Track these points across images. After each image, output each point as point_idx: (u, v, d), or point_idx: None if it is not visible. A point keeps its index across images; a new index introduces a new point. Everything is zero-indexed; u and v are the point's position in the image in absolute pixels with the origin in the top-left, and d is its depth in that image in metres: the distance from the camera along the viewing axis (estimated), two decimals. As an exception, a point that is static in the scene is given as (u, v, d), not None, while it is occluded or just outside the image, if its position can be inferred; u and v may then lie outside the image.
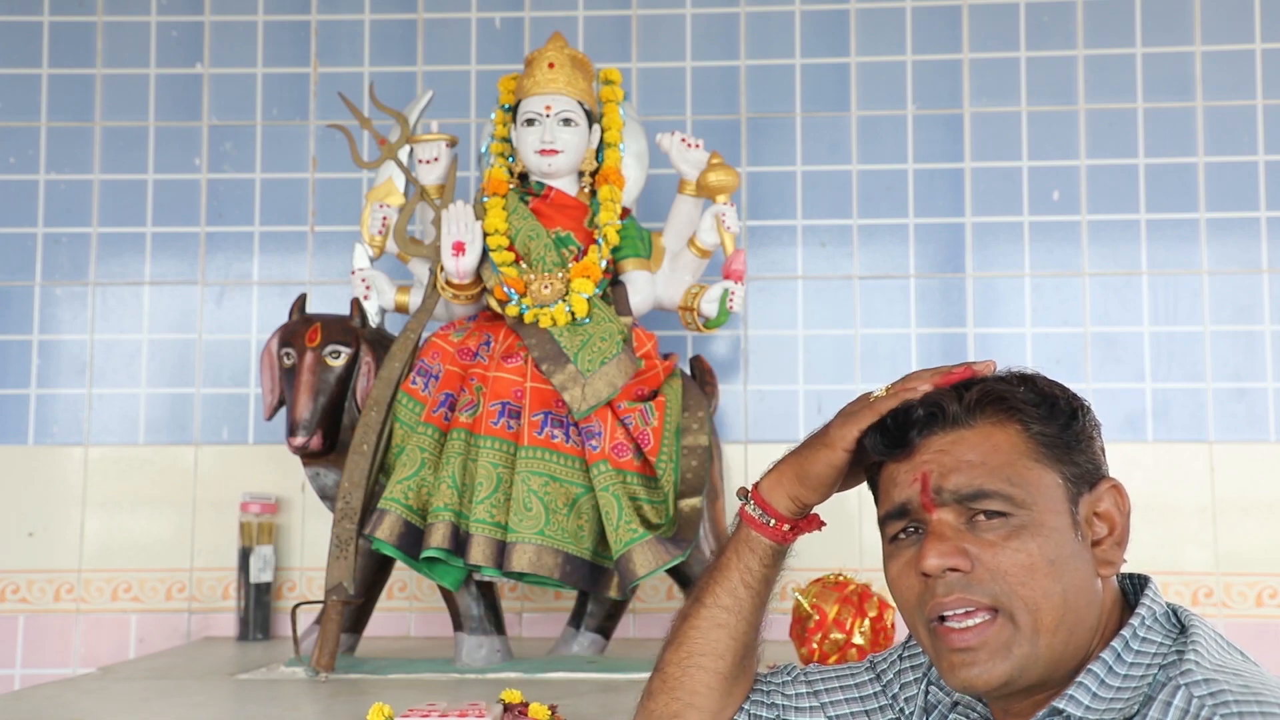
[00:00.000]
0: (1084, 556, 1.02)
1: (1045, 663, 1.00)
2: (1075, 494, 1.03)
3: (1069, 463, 1.03)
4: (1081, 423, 1.06)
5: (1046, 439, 1.03)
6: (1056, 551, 1.00)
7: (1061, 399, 1.07)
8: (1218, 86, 2.66)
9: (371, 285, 2.29)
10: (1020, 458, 1.02)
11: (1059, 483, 1.02)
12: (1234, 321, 2.61)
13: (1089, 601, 1.02)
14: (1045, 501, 1.01)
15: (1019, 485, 1.01)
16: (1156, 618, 1.01)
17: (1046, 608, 0.99)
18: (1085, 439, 1.05)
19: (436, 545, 1.99)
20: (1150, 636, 1.00)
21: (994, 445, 1.03)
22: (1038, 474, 1.02)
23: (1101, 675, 0.99)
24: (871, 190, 2.69)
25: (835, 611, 2.02)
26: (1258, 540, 2.55)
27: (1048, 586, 0.99)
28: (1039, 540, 1.00)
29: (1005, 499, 1.01)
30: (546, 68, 2.25)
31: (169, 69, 2.78)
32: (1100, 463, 1.06)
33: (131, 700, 1.86)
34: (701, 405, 2.19)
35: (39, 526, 2.65)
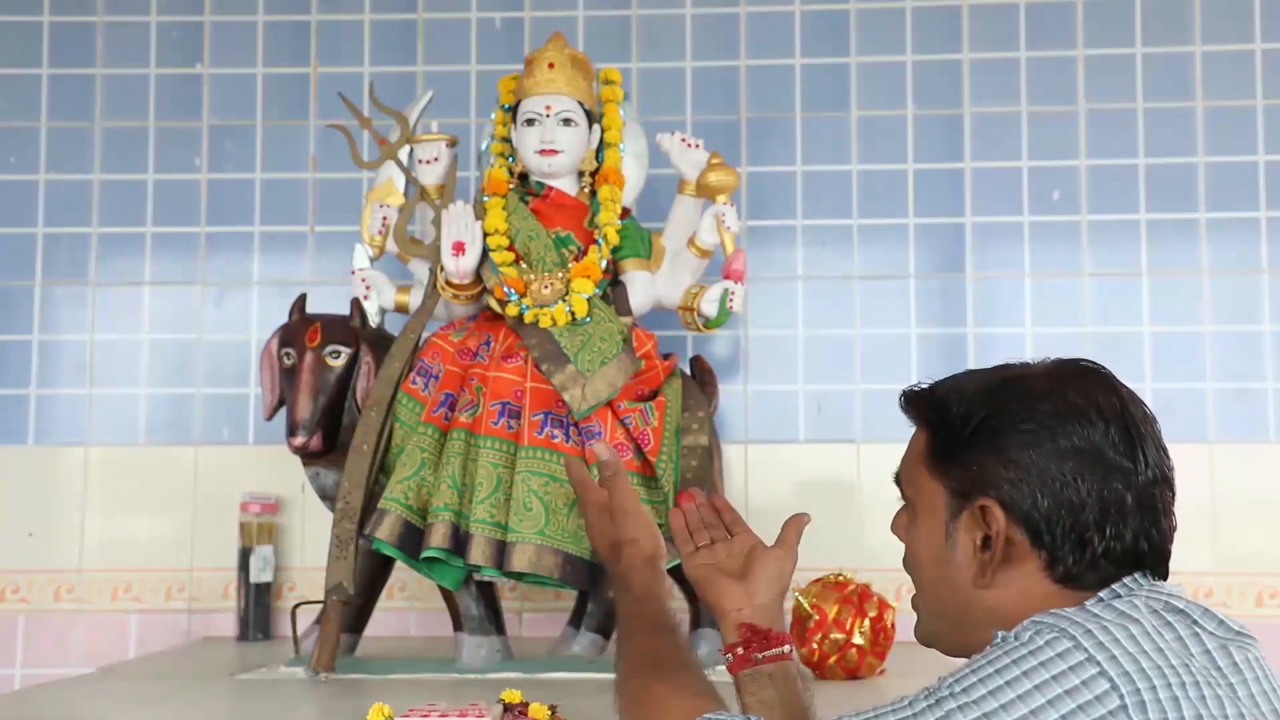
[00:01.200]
0: (956, 563, 1.08)
1: (954, 644, 1.11)
2: (956, 506, 1.08)
3: (950, 475, 1.09)
4: (966, 435, 1.06)
5: (937, 448, 1.11)
6: (922, 551, 1.13)
7: (955, 404, 1.08)
8: (1218, 86, 2.66)
9: (371, 285, 2.29)
10: (918, 463, 1.13)
11: (940, 491, 1.10)
12: (1234, 321, 2.61)
13: (963, 604, 1.08)
14: (923, 504, 1.12)
15: (911, 485, 1.15)
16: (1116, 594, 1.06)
17: (925, 592, 1.14)
18: (975, 452, 1.06)
19: (436, 545, 1.99)
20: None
21: (914, 444, 1.16)
22: (924, 480, 1.12)
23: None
24: (871, 190, 2.69)
25: (835, 611, 2.02)
26: (1258, 540, 2.55)
27: (919, 574, 1.15)
28: (914, 540, 1.14)
29: (906, 494, 1.17)
30: (546, 68, 2.25)
31: (169, 69, 2.78)
32: (990, 478, 1.04)
33: (131, 700, 1.86)
34: (701, 405, 2.19)
35: (39, 526, 2.65)
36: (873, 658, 2.03)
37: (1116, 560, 1.04)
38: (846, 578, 2.09)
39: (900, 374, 2.63)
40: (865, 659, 2.02)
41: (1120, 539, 1.04)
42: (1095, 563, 1.03)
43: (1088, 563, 1.03)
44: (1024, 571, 1.04)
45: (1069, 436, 1.03)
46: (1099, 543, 1.03)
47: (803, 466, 2.61)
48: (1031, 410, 1.04)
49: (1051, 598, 1.03)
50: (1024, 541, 1.04)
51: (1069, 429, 1.03)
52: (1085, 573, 1.03)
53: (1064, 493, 1.02)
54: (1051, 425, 1.03)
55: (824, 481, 2.59)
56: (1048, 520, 1.03)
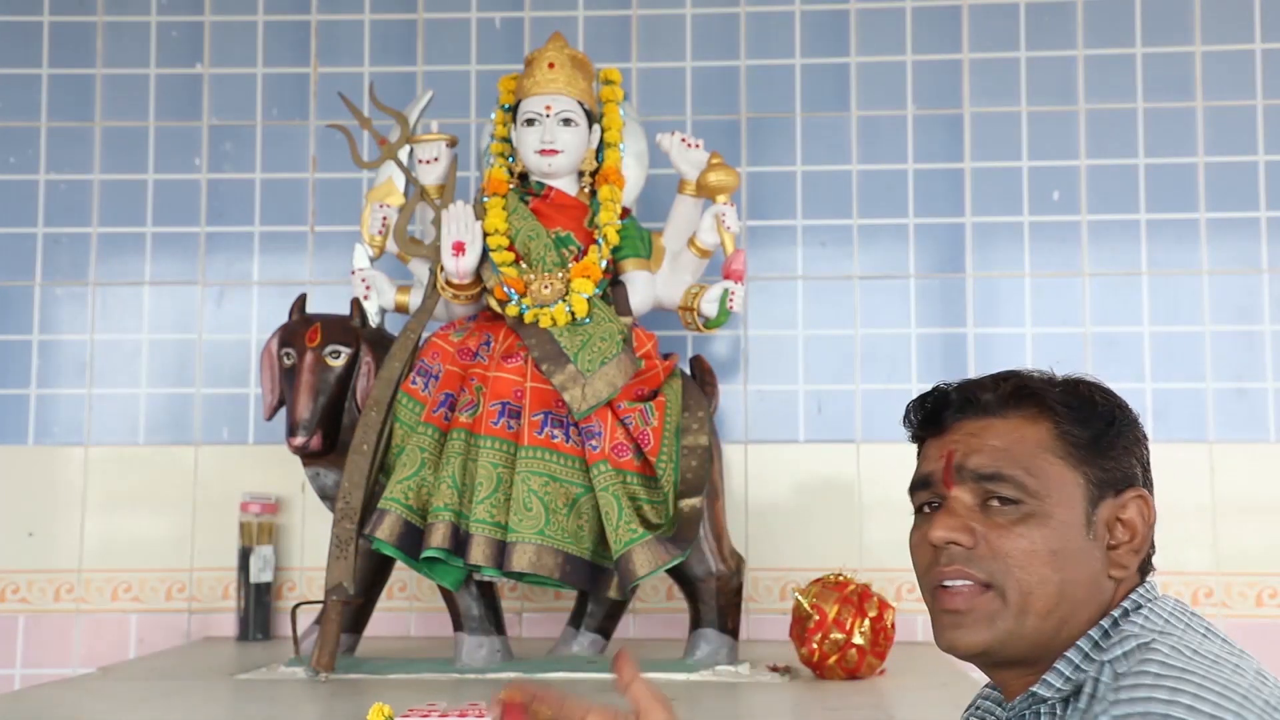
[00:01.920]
0: (1092, 555, 1.05)
1: (1029, 643, 1.05)
2: (1096, 496, 1.06)
3: (1095, 466, 1.07)
4: (1118, 430, 1.08)
5: (1075, 440, 1.07)
6: (1061, 544, 1.04)
7: (1101, 404, 1.09)
8: (1218, 86, 2.66)
9: (371, 285, 2.29)
10: (1043, 452, 1.06)
11: (1080, 482, 1.06)
12: (1234, 321, 2.61)
13: (1088, 597, 1.05)
14: (1059, 496, 1.05)
15: (1035, 476, 1.05)
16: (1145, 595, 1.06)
17: (1040, 593, 1.04)
18: (1120, 447, 1.08)
19: (436, 545, 1.99)
20: (1129, 629, 1.02)
21: (1021, 436, 1.07)
22: (1058, 470, 1.06)
23: (1076, 661, 1.03)
24: (871, 190, 2.69)
25: (835, 611, 2.02)
26: (1258, 540, 2.55)
27: (1045, 574, 1.04)
28: (1045, 530, 1.04)
29: (1019, 486, 1.05)
30: (546, 68, 2.26)
31: (169, 69, 2.78)
32: (1133, 472, 1.09)
33: (131, 700, 1.86)
34: (701, 405, 2.19)
35: (39, 526, 2.65)
36: (873, 658, 2.03)
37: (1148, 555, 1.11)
38: (846, 578, 2.09)
39: (900, 374, 2.63)
40: (865, 659, 2.02)
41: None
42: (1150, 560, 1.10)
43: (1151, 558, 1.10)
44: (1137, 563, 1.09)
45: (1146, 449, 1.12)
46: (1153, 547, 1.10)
47: (803, 466, 2.61)
48: (1137, 420, 1.12)
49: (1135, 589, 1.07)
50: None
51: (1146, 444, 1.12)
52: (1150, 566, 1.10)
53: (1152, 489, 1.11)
54: (1143, 437, 1.12)
55: (824, 481, 2.59)
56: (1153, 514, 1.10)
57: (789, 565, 2.51)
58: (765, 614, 2.53)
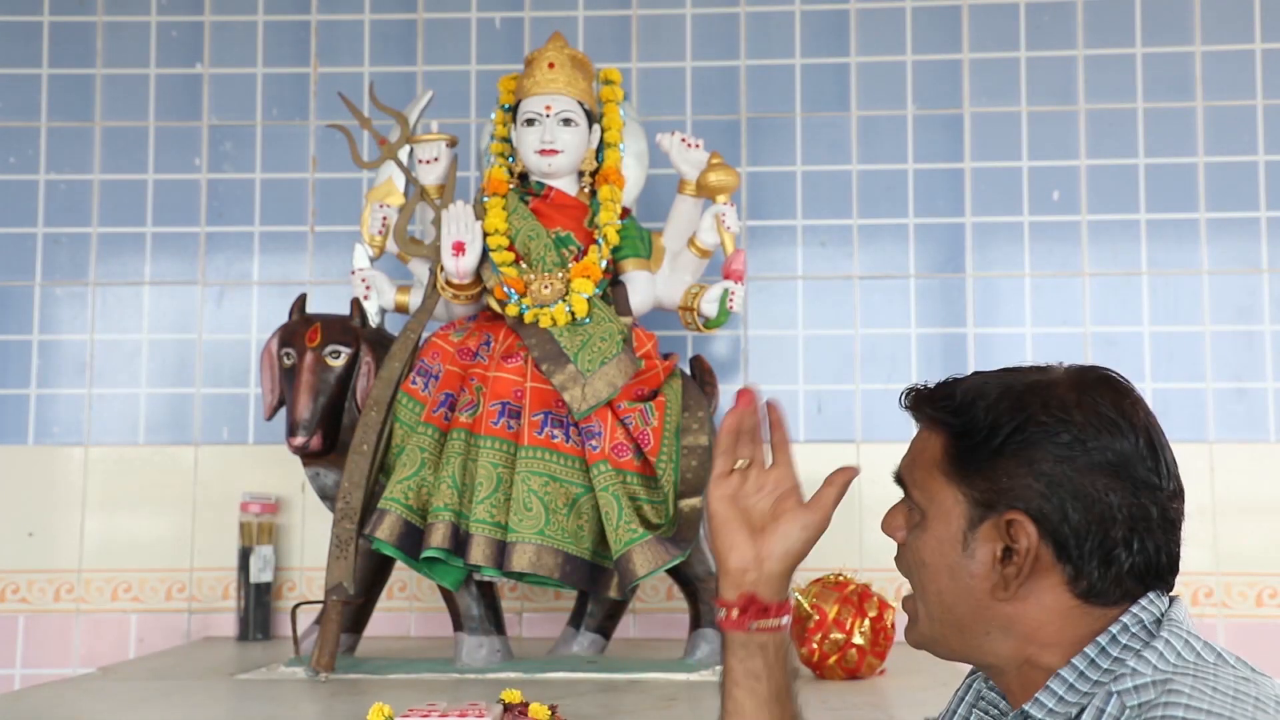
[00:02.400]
0: (970, 573, 1.04)
1: (957, 651, 1.08)
2: (976, 516, 1.04)
3: (972, 485, 1.04)
4: (1003, 444, 1.02)
5: (958, 455, 1.06)
6: (932, 558, 1.06)
7: (980, 412, 1.05)
8: (1218, 86, 2.66)
9: (371, 285, 2.29)
10: (932, 468, 1.08)
11: (959, 499, 1.05)
12: (1234, 321, 2.61)
13: (975, 613, 1.04)
14: (935, 510, 1.07)
15: (921, 489, 1.09)
16: (1144, 624, 1.01)
17: (930, 599, 1.07)
18: (1004, 463, 1.02)
19: (436, 545, 1.99)
20: (1130, 644, 1.00)
21: (923, 447, 1.10)
22: (939, 486, 1.07)
23: (1070, 680, 1.00)
24: (871, 190, 2.69)
25: (835, 611, 2.02)
26: (1258, 540, 2.55)
27: (923, 582, 1.08)
28: (922, 545, 1.07)
29: (911, 497, 1.11)
30: (546, 68, 2.26)
31: (169, 69, 2.78)
32: (1020, 490, 1.01)
33: (131, 700, 1.86)
34: (701, 405, 2.19)
35: (39, 526, 2.65)
36: (873, 658, 2.03)
37: (1138, 575, 1.02)
38: (846, 578, 2.09)
39: (900, 374, 2.63)
40: (865, 659, 2.02)
41: (1145, 553, 1.02)
42: (1119, 578, 1.01)
43: (1112, 578, 1.01)
44: (1045, 585, 1.02)
45: (1102, 450, 1.01)
46: (1125, 558, 1.01)
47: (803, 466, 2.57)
48: (1064, 422, 1.02)
49: (1073, 612, 1.01)
50: (1049, 556, 1.01)
51: (1103, 441, 1.01)
52: (1109, 588, 1.01)
53: (1096, 507, 1.00)
54: (1085, 437, 1.01)
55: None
56: (1077, 535, 1.00)
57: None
58: (765, 614, 2.53)
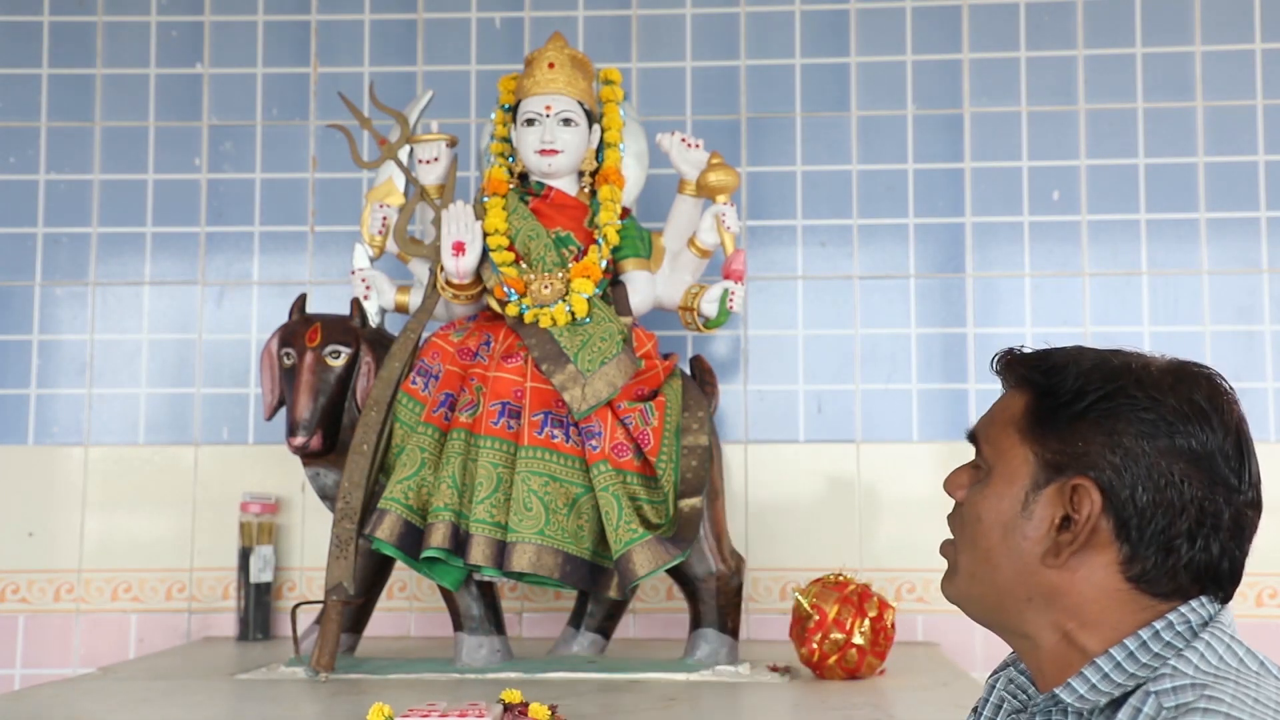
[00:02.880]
0: (1023, 535, 1.03)
1: (991, 614, 1.07)
2: (1043, 478, 1.03)
3: (1046, 444, 1.03)
4: (1085, 408, 1.01)
5: (1039, 414, 1.05)
6: (988, 514, 1.05)
7: (1071, 377, 1.04)
8: (1218, 86, 2.66)
9: (371, 285, 2.29)
10: (1009, 424, 1.07)
11: (1029, 459, 1.04)
12: (1234, 321, 2.61)
13: (1019, 577, 1.03)
14: (1002, 469, 1.06)
15: (991, 444, 1.08)
16: (1190, 624, 1.00)
17: (978, 555, 1.06)
18: (1083, 427, 1.01)
19: (436, 545, 1.99)
20: (1174, 642, 0.99)
21: (1005, 406, 1.09)
22: (1011, 443, 1.06)
23: (1106, 669, 0.99)
24: (871, 190, 2.69)
25: (835, 611, 2.02)
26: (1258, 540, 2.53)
27: (974, 537, 1.07)
28: (981, 500, 1.06)
29: (981, 454, 1.09)
30: (546, 68, 2.26)
31: (169, 69, 2.78)
32: (1093, 458, 1.00)
33: (131, 700, 1.86)
34: (701, 405, 2.19)
35: (39, 526, 2.65)
36: (873, 658, 2.03)
37: (1195, 574, 1.01)
38: (846, 578, 2.09)
39: (900, 374, 2.63)
40: (865, 659, 2.02)
41: (1207, 552, 1.01)
42: (1174, 571, 1.00)
43: (1168, 569, 0.99)
44: (1098, 561, 1.00)
45: (1187, 437, 1.00)
46: (1185, 552, 0.99)
47: (803, 466, 2.61)
48: (1155, 401, 1.00)
49: (1120, 595, 1.00)
50: (1108, 531, 1.00)
51: (1189, 429, 1.00)
52: (1161, 578, 1.00)
53: (1167, 491, 0.99)
54: (1172, 421, 1.00)
55: (824, 481, 2.59)
56: (1141, 515, 0.99)
57: (789, 565, 2.51)
58: (765, 614, 2.53)
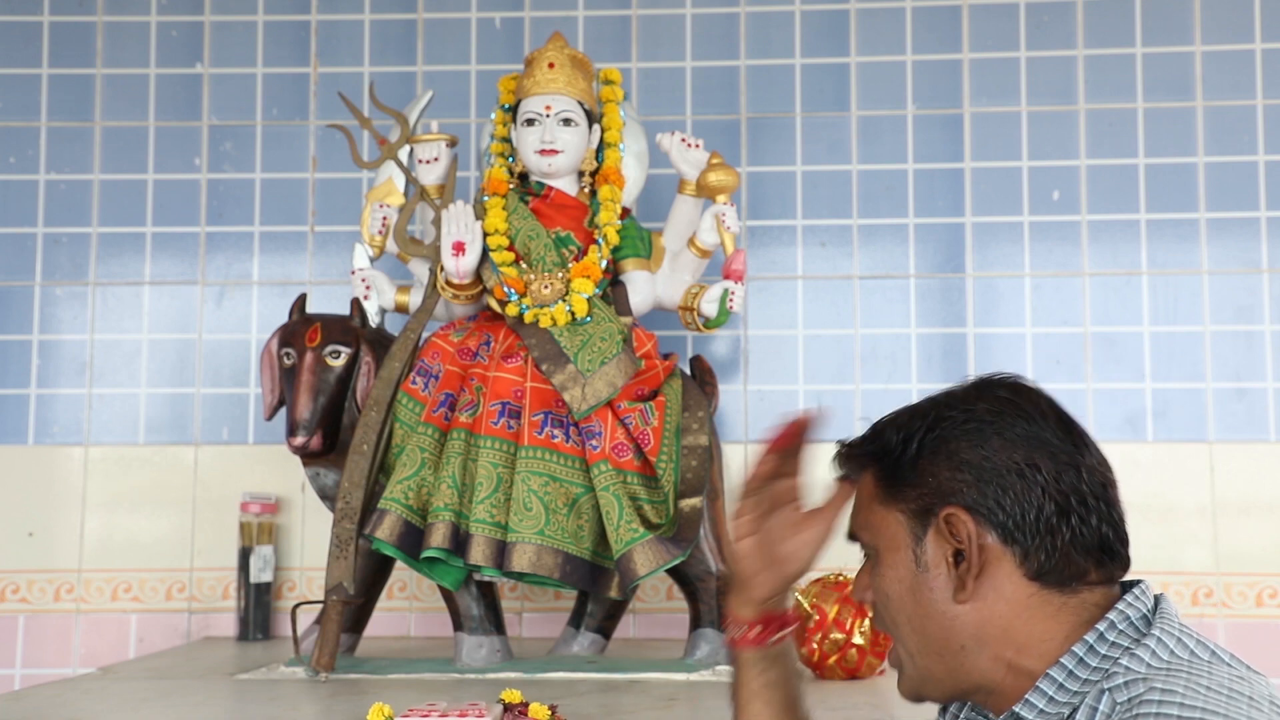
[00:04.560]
0: (931, 587, 1.04)
1: (945, 682, 1.06)
2: (920, 527, 1.05)
3: (904, 498, 1.06)
4: (913, 452, 1.05)
5: (884, 478, 1.08)
6: (893, 588, 1.07)
7: (892, 432, 1.07)
8: (1218, 86, 2.66)
9: (371, 285, 2.29)
10: (871, 503, 1.09)
11: (900, 519, 1.06)
12: (1234, 321, 2.61)
13: (945, 630, 1.04)
14: (884, 541, 1.08)
15: (866, 529, 1.10)
16: (1131, 621, 1.01)
17: (905, 634, 1.07)
18: (925, 465, 1.04)
19: (436, 545, 1.99)
20: (1119, 641, 0.99)
21: (861, 492, 1.11)
22: (880, 515, 1.08)
23: (1060, 679, 1.00)
24: (871, 190, 2.69)
25: (835, 611, 2.02)
26: (1258, 540, 2.55)
27: (895, 617, 1.07)
28: (882, 582, 1.08)
29: (865, 542, 1.11)
30: (546, 68, 2.26)
31: (169, 69, 2.78)
32: (947, 486, 1.03)
33: (131, 700, 1.86)
34: (701, 405, 2.19)
35: (39, 526, 2.65)
36: (872, 658, 2.03)
37: (1086, 549, 1.02)
38: (846, 578, 2.09)
39: (900, 374, 2.63)
40: (865, 659, 2.02)
41: (1086, 524, 1.01)
42: (1067, 553, 1.01)
43: (1060, 554, 1.01)
44: (1000, 575, 1.02)
45: (1011, 427, 1.03)
46: (1066, 531, 1.01)
47: (803, 466, 2.61)
48: (969, 411, 1.04)
49: (1034, 599, 1.02)
50: (994, 544, 1.02)
51: (1009, 421, 1.03)
52: (1059, 565, 1.01)
53: (1021, 483, 1.01)
54: (992, 420, 1.03)
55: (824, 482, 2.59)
56: (1012, 515, 1.01)
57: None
58: (765, 614, 2.53)
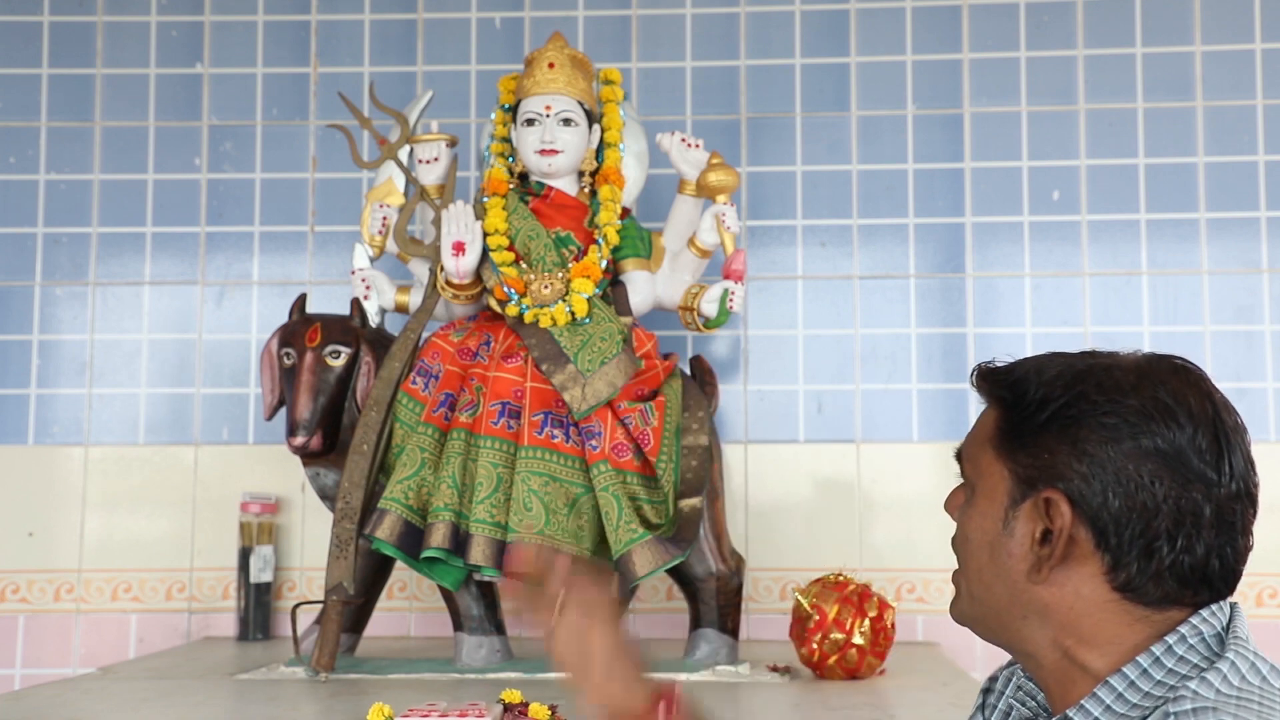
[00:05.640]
0: (1008, 552, 1.01)
1: (997, 635, 1.05)
2: (1019, 493, 1.01)
3: (1017, 459, 1.02)
4: (1049, 419, 0.99)
5: (1007, 429, 1.03)
6: (975, 534, 1.05)
7: (1034, 387, 1.02)
8: (1218, 86, 2.66)
9: (371, 285, 2.29)
10: (985, 441, 1.06)
11: (1005, 475, 1.02)
12: (1234, 321, 2.61)
13: (1011, 595, 1.01)
14: (984, 485, 1.05)
15: (972, 464, 1.07)
16: (1204, 638, 0.97)
17: (971, 576, 1.06)
18: (1048, 439, 0.99)
19: (436, 545, 1.99)
20: (1188, 657, 0.97)
21: (981, 423, 1.08)
22: (988, 461, 1.04)
23: (1120, 689, 0.96)
24: (871, 190, 2.69)
25: (835, 611, 2.02)
26: (1258, 540, 2.53)
27: (968, 558, 1.06)
28: (968, 520, 1.06)
29: (964, 473, 1.09)
30: (546, 68, 2.26)
31: (169, 69, 2.78)
32: (1060, 469, 0.98)
33: (131, 700, 1.86)
34: (701, 405, 2.19)
35: (39, 526, 2.65)
36: (872, 658, 2.03)
37: (1182, 576, 0.98)
38: (846, 578, 2.09)
39: (900, 374, 2.63)
40: (865, 659, 2.02)
41: (1191, 552, 0.97)
42: (1160, 575, 0.97)
43: (1152, 574, 0.97)
44: (1083, 573, 0.98)
45: (1152, 436, 0.96)
46: (1168, 553, 0.96)
47: (803, 466, 2.61)
48: (1116, 403, 0.97)
49: (1109, 606, 0.98)
50: (1088, 541, 0.97)
51: (1154, 428, 0.96)
52: (1148, 584, 0.97)
53: (1138, 495, 0.96)
54: (1135, 422, 0.97)
55: (824, 481, 2.59)
56: (1117, 522, 0.96)
57: (789, 565, 2.51)
58: (765, 614, 2.53)
